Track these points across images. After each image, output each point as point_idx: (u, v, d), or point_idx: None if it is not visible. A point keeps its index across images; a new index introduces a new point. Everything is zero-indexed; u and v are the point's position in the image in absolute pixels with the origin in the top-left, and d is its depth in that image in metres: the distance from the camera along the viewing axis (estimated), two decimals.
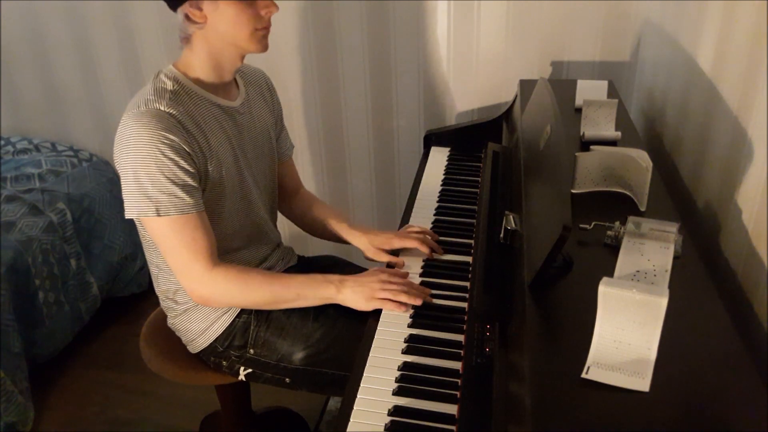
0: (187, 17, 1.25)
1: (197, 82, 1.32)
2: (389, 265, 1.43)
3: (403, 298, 1.27)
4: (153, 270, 1.43)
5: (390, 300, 1.27)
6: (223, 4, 1.23)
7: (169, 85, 1.28)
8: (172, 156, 1.21)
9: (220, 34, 1.26)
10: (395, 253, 1.47)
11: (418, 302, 1.27)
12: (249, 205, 1.42)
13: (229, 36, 1.27)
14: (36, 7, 2.38)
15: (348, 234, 1.55)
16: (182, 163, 1.22)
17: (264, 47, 1.31)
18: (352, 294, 1.30)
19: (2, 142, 2.56)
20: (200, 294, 1.30)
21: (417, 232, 1.48)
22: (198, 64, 1.31)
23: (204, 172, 1.29)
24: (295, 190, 1.66)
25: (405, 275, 1.37)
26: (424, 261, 1.42)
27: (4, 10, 2.43)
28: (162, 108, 1.23)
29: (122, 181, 1.24)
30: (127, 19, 2.32)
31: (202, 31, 1.26)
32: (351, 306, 1.31)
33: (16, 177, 2.35)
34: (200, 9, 1.23)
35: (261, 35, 1.29)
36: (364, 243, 1.51)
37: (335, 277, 1.33)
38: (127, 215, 1.25)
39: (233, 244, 1.40)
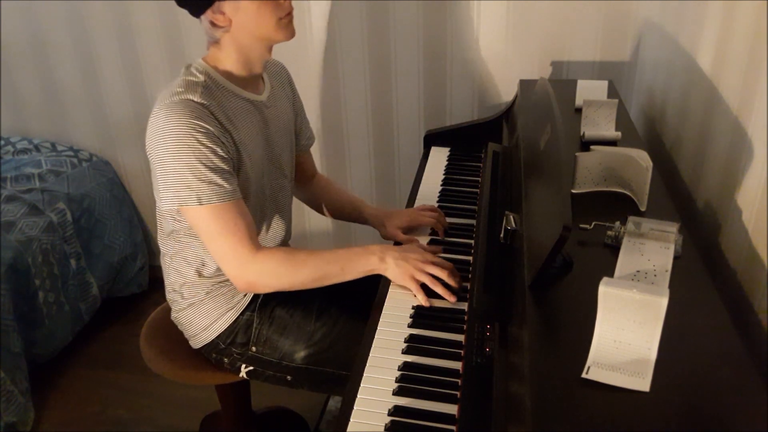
0: (212, 23, 1.26)
1: (227, 76, 1.33)
2: (397, 244, 1.46)
3: (439, 290, 1.26)
4: (165, 260, 1.43)
5: (422, 289, 1.26)
6: (243, 4, 1.24)
7: (200, 78, 1.29)
8: (209, 144, 1.21)
9: (247, 31, 1.27)
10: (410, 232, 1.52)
11: (453, 299, 1.26)
12: (265, 196, 1.43)
13: (255, 31, 1.28)
14: (36, 7, 2.38)
15: (364, 213, 1.58)
16: (218, 150, 1.23)
17: (291, 33, 1.31)
18: (395, 266, 1.28)
19: (2, 142, 2.56)
20: (247, 279, 1.28)
21: (431, 211, 1.52)
22: (227, 61, 1.32)
23: (237, 161, 1.30)
24: (312, 175, 1.69)
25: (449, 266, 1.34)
26: None
27: (4, 10, 2.42)
28: (195, 99, 1.24)
29: (159, 172, 1.24)
30: (127, 19, 2.32)
31: (229, 33, 1.28)
32: (389, 277, 1.30)
33: (16, 177, 2.35)
34: (223, 13, 1.24)
35: (286, 22, 1.30)
36: (380, 221, 1.54)
37: (376, 248, 1.31)
38: (167, 205, 1.25)
39: None
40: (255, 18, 1.25)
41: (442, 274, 1.27)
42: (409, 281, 1.27)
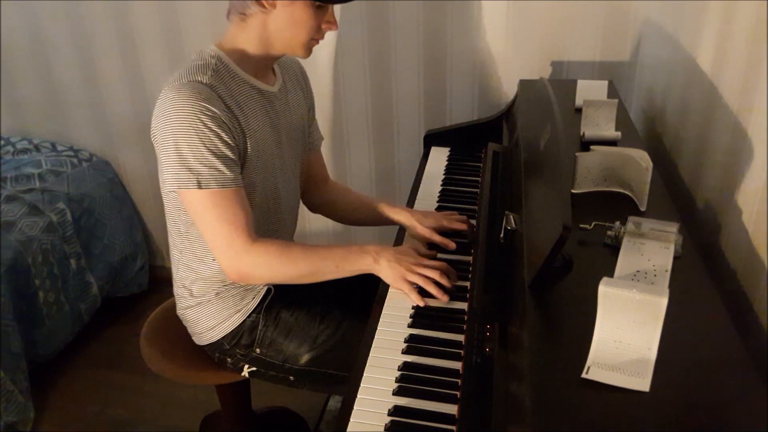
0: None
1: (239, 60, 1.31)
2: (431, 246, 1.44)
3: (432, 289, 1.26)
4: (175, 254, 1.42)
5: (415, 288, 1.26)
6: (299, 4, 1.23)
7: (212, 62, 1.28)
8: (214, 128, 1.20)
9: (278, 26, 1.27)
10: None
11: (445, 299, 1.26)
12: (278, 191, 1.41)
13: (286, 33, 1.27)
14: (36, 7, 2.38)
15: (391, 212, 1.53)
16: (223, 136, 1.22)
17: (308, 55, 1.33)
18: (387, 268, 1.28)
19: (2, 142, 2.56)
20: (239, 270, 1.28)
21: (459, 221, 1.50)
22: (247, 41, 1.30)
23: (243, 148, 1.28)
24: (324, 179, 1.66)
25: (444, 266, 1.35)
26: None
27: (4, 10, 2.42)
28: (205, 81, 1.23)
29: (161, 154, 1.23)
30: (127, 19, 2.32)
31: (264, 15, 1.26)
32: (383, 278, 1.30)
33: (16, 177, 2.35)
34: (274, 3, 1.23)
35: (312, 45, 1.31)
36: (411, 220, 1.49)
37: (372, 248, 1.31)
38: (167, 188, 1.24)
39: (258, 228, 1.38)
40: (296, 23, 1.25)
41: (434, 275, 1.27)
42: (401, 283, 1.27)
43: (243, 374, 1.45)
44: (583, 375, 0.83)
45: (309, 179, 1.61)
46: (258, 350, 1.41)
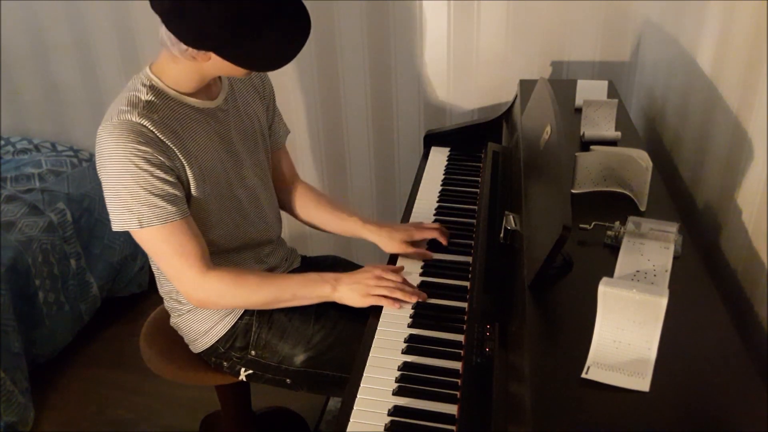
0: (188, 52, 1.19)
1: (175, 85, 1.27)
2: (389, 260, 1.44)
3: (398, 295, 1.28)
4: (155, 271, 1.43)
5: (385, 297, 1.28)
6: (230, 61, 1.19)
7: (143, 93, 1.24)
8: (147, 167, 1.19)
9: (216, 69, 1.24)
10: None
11: (413, 300, 1.28)
12: (242, 203, 1.40)
13: (224, 71, 1.25)
14: (36, 7, 2.38)
15: (362, 231, 1.52)
16: (158, 172, 1.20)
17: (248, 75, 1.31)
18: (348, 292, 1.30)
19: (2, 142, 2.56)
20: (197, 298, 1.31)
21: (430, 226, 1.49)
22: (179, 76, 1.26)
23: (185, 178, 1.27)
24: (292, 179, 1.61)
25: (400, 269, 1.39)
26: (423, 261, 1.42)
27: (4, 10, 2.43)
28: (134, 119, 1.20)
29: (104, 194, 1.23)
30: (127, 19, 2.32)
31: (197, 63, 1.22)
32: (348, 303, 1.31)
33: (16, 177, 2.35)
34: (209, 57, 1.19)
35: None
36: (383, 239, 1.48)
37: (330, 276, 1.33)
38: (114, 228, 1.24)
39: (231, 244, 1.39)
40: (235, 67, 1.20)
41: (397, 278, 1.31)
42: (367, 299, 1.29)
43: (240, 378, 1.45)
44: (583, 375, 0.83)
45: (275, 180, 1.56)
46: (253, 352, 1.41)
